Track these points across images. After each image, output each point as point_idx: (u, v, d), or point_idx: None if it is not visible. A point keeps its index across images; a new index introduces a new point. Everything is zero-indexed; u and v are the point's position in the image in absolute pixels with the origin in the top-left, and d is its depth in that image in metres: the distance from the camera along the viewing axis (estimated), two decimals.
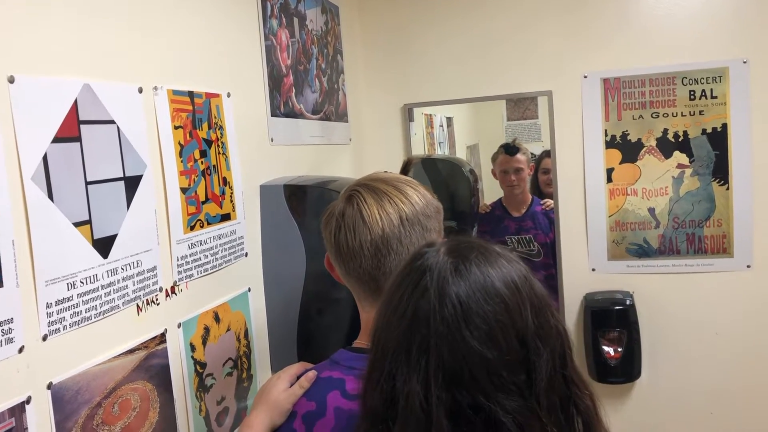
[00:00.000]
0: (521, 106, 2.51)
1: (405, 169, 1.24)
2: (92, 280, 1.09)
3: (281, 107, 1.81)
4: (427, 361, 0.75)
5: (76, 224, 1.06)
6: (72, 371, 1.04)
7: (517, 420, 0.74)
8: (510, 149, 2.57)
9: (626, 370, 2.33)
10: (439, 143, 2.73)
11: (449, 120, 2.74)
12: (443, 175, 2.72)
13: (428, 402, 0.74)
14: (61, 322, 1.02)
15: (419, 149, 2.60)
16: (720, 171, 2.26)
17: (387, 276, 1.03)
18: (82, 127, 1.08)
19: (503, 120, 2.59)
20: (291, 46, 1.88)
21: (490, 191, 2.66)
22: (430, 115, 2.64)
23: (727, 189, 2.25)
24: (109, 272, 1.13)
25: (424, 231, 1.06)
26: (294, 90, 1.89)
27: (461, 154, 2.76)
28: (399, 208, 1.05)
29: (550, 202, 2.46)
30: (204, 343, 1.40)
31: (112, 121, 1.15)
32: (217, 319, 1.46)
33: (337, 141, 2.23)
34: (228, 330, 1.50)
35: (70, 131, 1.06)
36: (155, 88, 1.28)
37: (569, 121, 2.36)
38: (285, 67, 1.84)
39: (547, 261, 2.48)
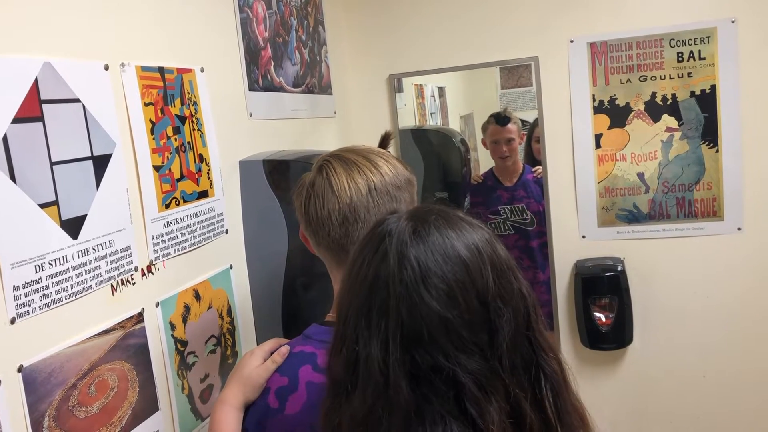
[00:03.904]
0: (515, 73, 2.47)
1: (383, 143, 1.23)
2: (62, 262, 1.08)
3: (259, 81, 1.78)
4: (386, 323, 0.75)
5: (42, 205, 1.05)
6: (44, 353, 1.04)
7: (478, 380, 0.74)
8: (501, 119, 2.53)
9: (618, 336, 2.33)
10: (431, 114, 2.69)
11: (441, 90, 2.70)
12: (434, 146, 2.70)
13: (387, 365, 0.74)
14: (29, 305, 1.01)
15: (409, 120, 2.57)
16: (709, 133, 2.23)
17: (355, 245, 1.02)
18: (45, 106, 1.06)
19: (497, 88, 2.55)
20: (268, 18, 1.85)
21: (485, 161, 2.63)
22: (421, 85, 2.61)
23: (717, 151, 2.23)
24: (80, 253, 1.12)
25: (393, 201, 1.06)
26: (273, 63, 1.86)
27: (454, 124, 2.72)
28: (368, 177, 1.05)
29: (541, 168, 2.44)
30: (184, 321, 1.40)
31: (77, 100, 1.13)
32: (197, 296, 1.45)
33: (321, 114, 2.20)
34: (210, 307, 1.50)
35: (31, 111, 1.04)
36: (122, 64, 1.25)
37: (556, 87, 2.33)
38: (262, 39, 1.81)
39: (541, 229, 2.47)
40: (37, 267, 1.03)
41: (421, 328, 0.74)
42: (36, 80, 1.05)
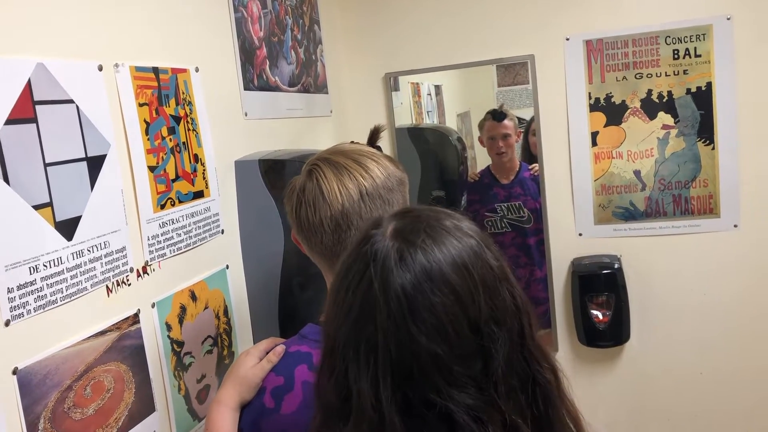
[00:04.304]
0: (512, 71, 2.47)
1: (372, 138, 1.21)
2: (56, 263, 1.08)
3: (255, 80, 1.78)
4: (375, 359, 0.72)
5: (36, 207, 1.04)
6: (39, 355, 1.03)
7: (472, 413, 0.71)
8: (497, 115, 2.53)
9: (615, 333, 2.33)
10: (428, 112, 2.69)
11: (438, 88, 2.69)
12: (431, 145, 2.69)
13: (379, 401, 0.71)
14: (24, 307, 1.01)
15: (406, 119, 2.57)
16: (705, 130, 2.23)
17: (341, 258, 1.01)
18: (38, 107, 1.06)
19: (494, 86, 2.54)
20: (263, 17, 1.85)
21: (482, 159, 2.63)
22: (417, 83, 2.60)
23: (713, 149, 2.23)
24: (75, 254, 1.12)
25: (386, 204, 1.05)
26: (268, 62, 1.86)
27: (451, 122, 2.72)
28: (359, 182, 1.04)
29: (538, 166, 2.44)
30: (181, 321, 1.40)
31: (70, 101, 1.13)
32: (193, 297, 1.45)
33: (317, 113, 2.20)
34: (206, 308, 1.49)
35: (24, 113, 1.03)
36: (116, 65, 1.25)
37: (552, 85, 2.33)
38: (257, 39, 1.81)
39: (538, 227, 2.46)
40: (32, 269, 1.03)
41: (411, 364, 0.71)
42: (29, 81, 1.05)
